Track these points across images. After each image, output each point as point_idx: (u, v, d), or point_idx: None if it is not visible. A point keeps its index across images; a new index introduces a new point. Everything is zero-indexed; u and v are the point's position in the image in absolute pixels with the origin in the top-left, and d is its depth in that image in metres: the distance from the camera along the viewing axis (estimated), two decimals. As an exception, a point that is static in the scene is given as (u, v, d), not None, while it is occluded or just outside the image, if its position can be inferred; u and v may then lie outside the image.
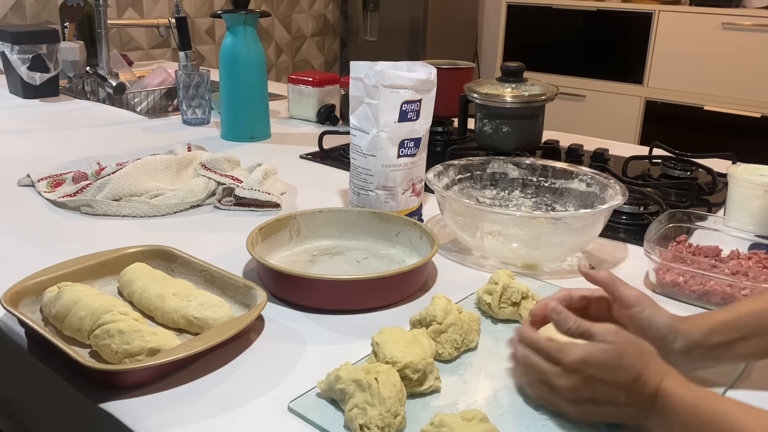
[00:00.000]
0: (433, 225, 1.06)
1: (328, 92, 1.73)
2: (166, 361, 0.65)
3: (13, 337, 0.75)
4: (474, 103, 1.34)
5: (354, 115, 1.04)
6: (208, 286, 0.82)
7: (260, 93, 1.52)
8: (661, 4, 3.14)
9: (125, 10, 3.04)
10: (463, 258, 0.96)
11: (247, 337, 0.74)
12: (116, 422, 0.62)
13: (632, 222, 1.07)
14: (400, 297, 0.84)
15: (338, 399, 0.62)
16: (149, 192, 1.11)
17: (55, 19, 2.62)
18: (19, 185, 1.21)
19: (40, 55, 1.86)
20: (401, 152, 1.01)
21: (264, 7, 3.67)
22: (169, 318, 0.75)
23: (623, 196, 0.92)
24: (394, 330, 0.68)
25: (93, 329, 0.69)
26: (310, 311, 0.80)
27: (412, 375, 0.63)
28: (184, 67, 1.65)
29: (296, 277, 0.81)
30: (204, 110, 1.67)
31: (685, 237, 0.93)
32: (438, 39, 3.77)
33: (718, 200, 1.18)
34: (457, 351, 0.71)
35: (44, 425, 0.79)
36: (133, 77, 2.17)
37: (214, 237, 1.01)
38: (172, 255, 0.86)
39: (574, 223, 0.89)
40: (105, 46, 1.89)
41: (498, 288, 0.78)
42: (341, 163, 1.37)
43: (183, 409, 0.63)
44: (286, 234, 0.95)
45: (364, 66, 1.00)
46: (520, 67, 1.33)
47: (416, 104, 1.00)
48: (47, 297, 0.75)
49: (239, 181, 1.14)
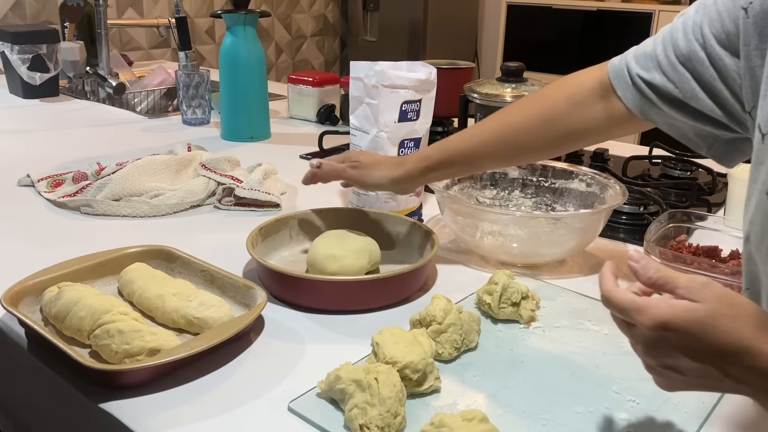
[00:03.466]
0: (433, 225, 1.06)
1: (328, 92, 1.73)
2: (166, 361, 0.65)
3: (13, 337, 0.75)
4: (474, 103, 1.34)
5: (354, 115, 1.04)
6: (208, 286, 0.82)
7: (260, 93, 1.52)
8: (661, 4, 3.14)
9: (125, 10, 3.04)
10: (463, 258, 0.96)
11: (247, 337, 0.74)
12: (116, 422, 0.62)
13: (632, 222, 1.07)
14: (400, 297, 0.84)
15: (338, 399, 0.62)
16: (149, 192, 1.11)
17: (55, 19, 2.62)
18: (19, 185, 1.21)
19: (40, 55, 1.86)
20: (401, 152, 1.01)
21: (264, 7, 3.67)
22: (169, 318, 0.75)
23: (623, 196, 0.92)
24: (394, 330, 0.68)
25: (93, 329, 0.69)
26: (310, 311, 0.80)
27: (412, 375, 0.63)
28: (184, 67, 1.65)
29: (296, 277, 0.81)
30: (204, 110, 1.67)
31: (685, 237, 0.93)
32: (438, 39, 3.77)
33: (718, 200, 1.18)
34: (457, 351, 0.71)
35: (44, 425, 0.79)
36: (133, 77, 2.17)
37: (214, 237, 1.01)
38: (172, 255, 0.86)
39: (574, 223, 0.89)
40: (105, 46, 1.89)
41: (498, 288, 0.78)
42: (341, 163, 1.36)
43: (183, 409, 0.63)
44: (286, 234, 0.95)
45: (364, 66, 1.00)
46: (520, 67, 1.33)
47: (416, 104, 1.00)
48: (47, 297, 0.75)
49: (239, 181, 1.14)
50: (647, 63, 0.72)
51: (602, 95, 0.78)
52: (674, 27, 0.70)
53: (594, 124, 0.79)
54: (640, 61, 0.73)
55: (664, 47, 0.70)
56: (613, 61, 0.78)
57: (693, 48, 0.67)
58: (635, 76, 0.73)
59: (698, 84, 0.67)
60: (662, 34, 0.72)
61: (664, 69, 0.70)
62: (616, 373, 0.69)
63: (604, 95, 0.78)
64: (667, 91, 0.71)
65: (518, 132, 0.83)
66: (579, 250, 0.95)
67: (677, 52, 0.69)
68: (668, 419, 0.63)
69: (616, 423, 0.62)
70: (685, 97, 0.69)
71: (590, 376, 0.69)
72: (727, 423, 0.63)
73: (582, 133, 0.81)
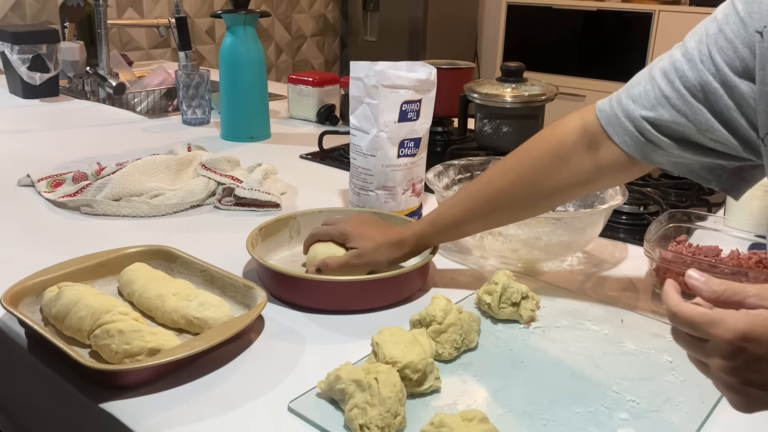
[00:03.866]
0: (433, 225, 1.06)
1: (328, 92, 1.73)
2: (166, 361, 0.65)
3: (13, 337, 0.75)
4: (474, 103, 1.34)
5: (354, 115, 1.04)
6: (208, 286, 0.82)
7: (260, 93, 1.52)
8: (661, 4, 3.14)
9: (125, 10, 3.04)
10: (463, 258, 0.96)
11: (247, 337, 0.74)
12: (116, 422, 0.62)
13: (632, 222, 1.07)
14: (400, 297, 0.84)
15: (338, 399, 0.62)
16: (149, 192, 1.11)
17: (55, 19, 2.62)
18: (19, 185, 1.21)
19: (40, 55, 1.86)
20: (401, 152, 1.01)
21: (264, 7, 3.67)
22: (169, 318, 0.75)
23: (623, 196, 0.92)
24: (394, 330, 0.68)
25: (93, 329, 0.69)
26: (310, 311, 0.80)
27: (412, 375, 0.63)
28: (184, 67, 1.65)
29: (296, 277, 0.81)
30: (204, 110, 1.67)
31: (685, 237, 0.93)
32: (438, 39, 3.77)
33: (718, 200, 1.18)
34: (457, 351, 0.71)
35: (44, 425, 0.79)
36: (133, 77, 2.17)
37: (214, 237, 1.01)
38: (172, 255, 0.86)
39: (574, 223, 0.89)
40: (105, 46, 1.89)
41: (498, 288, 0.78)
42: (341, 163, 1.37)
43: (183, 409, 0.63)
44: (286, 234, 0.95)
45: (364, 66, 1.00)
46: (520, 67, 1.33)
47: (416, 104, 1.00)
48: (47, 297, 0.75)
49: (239, 181, 1.14)
50: (651, 101, 0.69)
51: (589, 145, 0.75)
52: (675, 60, 0.68)
53: (583, 177, 0.77)
54: (640, 101, 0.70)
55: (668, 81, 0.68)
56: (601, 107, 0.75)
57: (704, 78, 0.65)
58: (637, 117, 0.70)
59: (712, 114, 0.66)
60: (660, 71, 0.69)
61: (674, 103, 0.68)
62: (616, 373, 0.69)
63: (592, 145, 0.75)
64: (677, 126, 0.68)
65: (506, 196, 0.81)
66: (579, 250, 0.95)
67: (686, 84, 0.66)
68: (668, 419, 0.63)
69: (616, 423, 0.62)
70: (699, 129, 0.67)
71: (590, 376, 0.69)
72: (727, 423, 0.63)
73: (572, 187, 0.79)
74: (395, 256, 0.85)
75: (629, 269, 0.94)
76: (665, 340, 0.75)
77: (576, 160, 0.77)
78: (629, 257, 0.98)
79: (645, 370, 0.70)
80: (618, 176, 0.79)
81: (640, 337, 0.76)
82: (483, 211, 0.83)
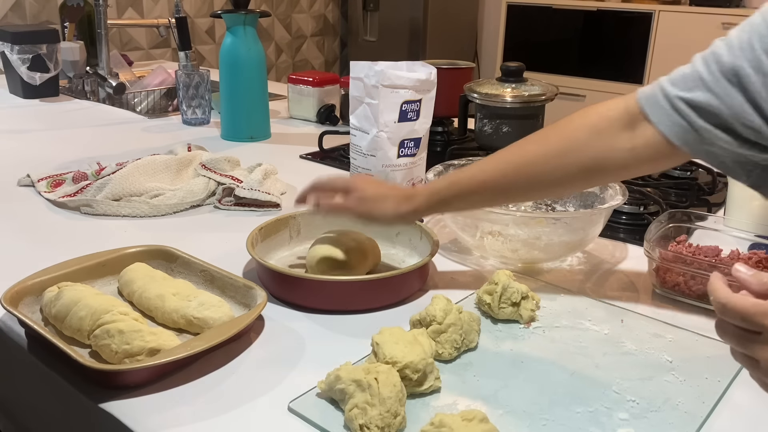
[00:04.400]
0: (433, 225, 1.06)
1: (328, 92, 1.73)
2: (166, 361, 0.65)
3: (13, 337, 0.75)
4: (474, 103, 1.34)
5: (354, 115, 1.04)
6: (208, 286, 0.82)
7: (260, 93, 1.52)
8: (661, 4, 3.14)
9: (125, 10, 3.05)
10: (463, 258, 0.96)
11: (247, 337, 0.74)
12: (116, 422, 0.62)
13: (632, 222, 1.07)
14: (400, 297, 0.84)
15: (338, 399, 0.62)
16: (149, 192, 1.11)
17: (55, 19, 2.62)
18: (19, 185, 1.21)
19: (40, 55, 1.86)
20: (401, 152, 1.01)
21: (264, 7, 3.67)
22: (169, 318, 0.75)
23: (623, 196, 0.92)
24: (394, 330, 0.68)
25: (93, 329, 0.69)
26: (310, 311, 0.80)
27: (412, 375, 0.63)
28: (184, 67, 1.65)
29: (296, 277, 0.81)
30: (204, 110, 1.67)
31: (685, 237, 0.93)
32: (438, 39, 3.78)
33: (718, 200, 1.18)
34: (457, 351, 0.71)
35: (44, 425, 0.79)
36: (133, 77, 2.17)
37: (214, 237, 1.01)
38: (172, 255, 0.86)
39: (574, 223, 0.89)
40: (105, 46, 1.89)
41: (498, 288, 0.78)
42: (341, 163, 1.37)
43: (183, 409, 0.63)
44: (286, 234, 0.95)
45: (364, 66, 1.00)
46: (520, 67, 1.33)
47: (416, 104, 1.00)
48: (47, 297, 0.75)
49: (239, 181, 1.14)
50: (688, 83, 0.69)
51: (628, 124, 0.74)
52: (716, 47, 0.68)
53: (615, 156, 0.75)
54: (678, 84, 0.70)
55: (706, 65, 0.68)
56: (643, 90, 0.74)
57: (739, 63, 0.65)
58: (674, 98, 0.70)
59: (745, 98, 0.65)
60: (700, 56, 0.70)
61: (709, 85, 0.68)
62: (616, 373, 0.69)
63: (631, 125, 0.74)
64: (711, 109, 0.68)
65: (533, 162, 0.78)
66: (579, 250, 0.95)
67: (722, 68, 0.67)
68: (668, 419, 0.63)
69: (616, 423, 0.62)
70: (732, 113, 0.67)
71: (590, 376, 0.69)
72: (727, 423, 0.63)
73: (602, 167, 0.76)
74: (404, 209, 0.81)
75: (629, 269, 0.94)
76: (665, 340, 0.75)
77: (611, 136, 0.75)
78: (629, 257, 0.98)
79: (645, 370, 0.70)
80: (650, 164, 0.76)
81: (640, 337, 0.76)
82: (506, 176, 0.79)
